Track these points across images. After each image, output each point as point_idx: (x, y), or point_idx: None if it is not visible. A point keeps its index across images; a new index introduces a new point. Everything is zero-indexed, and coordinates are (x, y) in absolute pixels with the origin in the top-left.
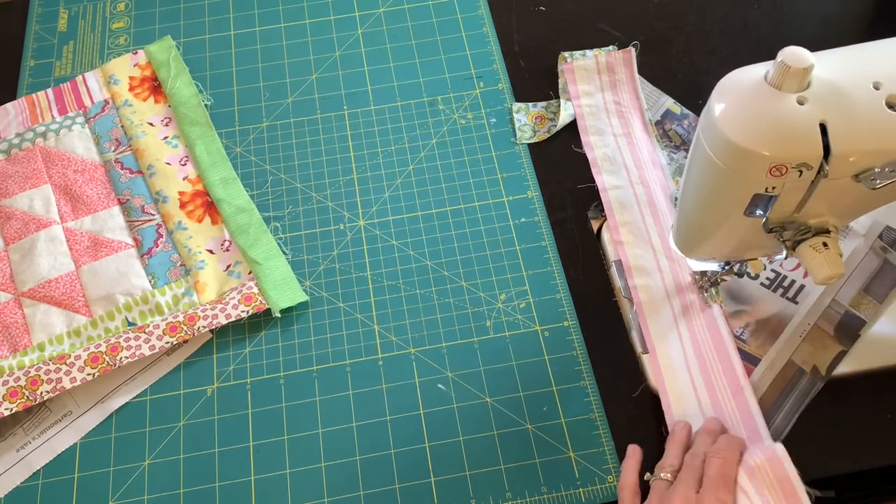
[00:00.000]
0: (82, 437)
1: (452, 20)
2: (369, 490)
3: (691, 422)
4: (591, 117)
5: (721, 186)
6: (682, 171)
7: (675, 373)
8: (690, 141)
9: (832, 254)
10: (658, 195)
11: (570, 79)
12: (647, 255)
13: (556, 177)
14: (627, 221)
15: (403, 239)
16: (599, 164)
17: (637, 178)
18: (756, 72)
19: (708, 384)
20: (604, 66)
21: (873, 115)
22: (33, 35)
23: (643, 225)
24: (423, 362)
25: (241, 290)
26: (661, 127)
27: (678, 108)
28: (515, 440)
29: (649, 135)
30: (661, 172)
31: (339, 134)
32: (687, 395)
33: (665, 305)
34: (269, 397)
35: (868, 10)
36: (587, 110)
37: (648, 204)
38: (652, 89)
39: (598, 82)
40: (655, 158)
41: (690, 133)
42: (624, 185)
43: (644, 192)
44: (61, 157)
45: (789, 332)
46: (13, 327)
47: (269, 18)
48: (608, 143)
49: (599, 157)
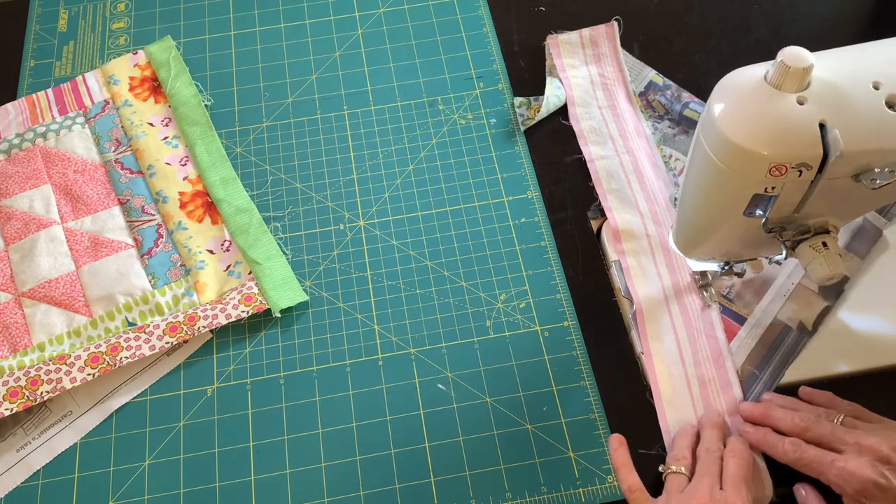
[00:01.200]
0: (82, 437)
1: (452, 20)
2: (369, 490)
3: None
4: (577, 89)
5: (721, 186)
6: (666, 140)
7: (663, 341)
8: (673, 110)
9: (832, 254)
10: (644, 163)
11: (555, 53)
12: (634, 219)
13: (556, 177)
14: (615, 189)
15: (403, 239)
16: (585, 135)
17: (623, 148)
18: (756, 72)
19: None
20: (587, 40)
21: (873, 115)
22: (33, 35)
23: (630, 191)
24: (423, 362)
25: (241, 290)
26: (645, 98)
27: (661, 79)
28: (515, 440)
29: (633, 106)
30: (646, 142)
31: (339, 134)
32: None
33: (650, 265)
34: (269, 397)
35: (868, 10)
36: (573, 81)
37: (634, 171)
38: (634, 62)
39: (583, 56)
40: (640, 128)
41: (673, 103)
42: (610, 155)
43: (630, 161)
44: (61, 158)
45: (774, 291)
46: (13, 327)
47: (270, 19)
48: (594, 115)
49: (585, 128)
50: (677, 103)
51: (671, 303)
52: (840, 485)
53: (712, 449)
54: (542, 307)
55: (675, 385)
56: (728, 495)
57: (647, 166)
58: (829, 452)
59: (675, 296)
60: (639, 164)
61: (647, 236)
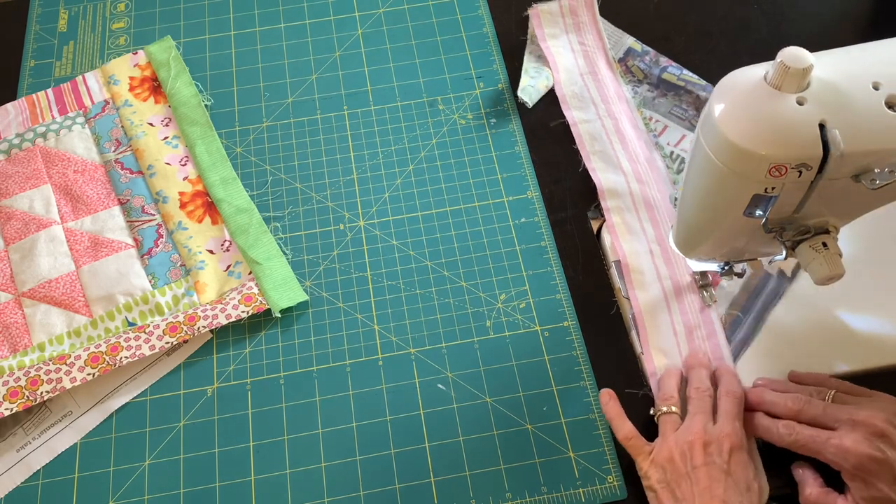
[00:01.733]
0: (82, 437)
1: (452, 20)
2: (369, 490)
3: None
4: (558, 57)
5: (721, 187)
6: (646, 103)
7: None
8: (652, 74)
9: (832, 254)
10: (625, 125)
11: (536, 23)
12: (618, 179)
13: (556, 177)
14: (598, 150)
15: (403, 239)
16: (568, 100)
17: (605, 112)
18: (756, 72)
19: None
20: (567, 9)
21: (873, 115)
22: (33, 35)
23: (612, 152)
24: (423, 362)
25: (241, 290)
26: (624, 64)
27: (639, 45)
28: (515, 440)
29: (613, 72)
30: (627, 105)
31: (339, 134)
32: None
33: (635, 220)
34: (269, 397)
35: (868, 10)
36: (554, 51)
37: (616, 133)
38: (614, 30)
39: (563, 25)
40: (621, 93)
41: (651, 68)
42: (593, 119)
43: (612, 124)
44: (61, 158)
45: None
46: (13, 327)
47: (270, 19)
48: (575, 81)
49: (568, 94)
50: (655, 67)
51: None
52: (838, 462)
53: (702, 388)
54: (542, 307)
55: (660, 328)
56: (723, 428)
57: (628, 128)
58: (824, 431)
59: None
60: (620, 126)
61: (630, 194)
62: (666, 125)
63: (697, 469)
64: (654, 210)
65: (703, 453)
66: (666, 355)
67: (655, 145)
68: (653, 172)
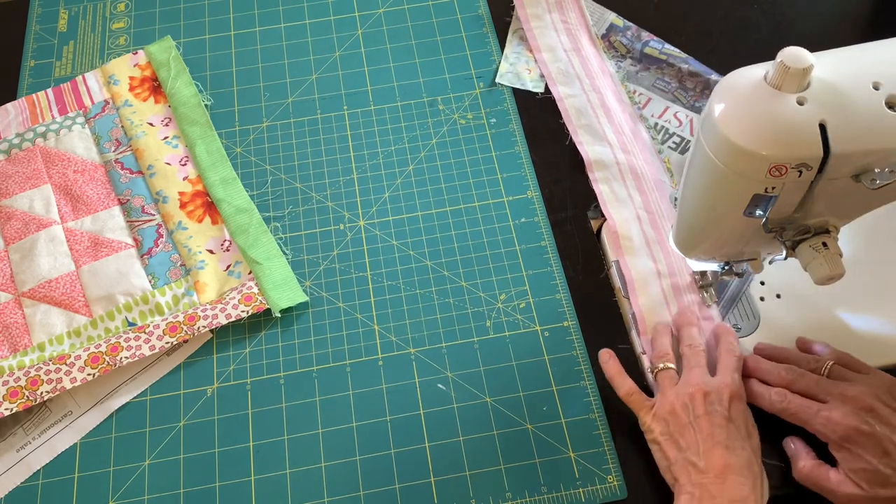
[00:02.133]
0: (82, 437)
1: (452, 20)
2: (369, 490)
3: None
4: (542, 37)
5: (721, 186)
6: (629, 77)
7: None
8: (634, 49)
9: (832, 254)
10: (610, 99)
11: (518, 4)
12: (604, 150)
13: (556, 177)
14: (584, 124)
15: (403, 239)
16: (554, 77)
17: (590, 87)
18: (756, 72)
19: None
20: None
21: (873, 115)
22: (33, 35)
23: (598, 125)
24: (423, 362)
25: (241, 290)
26: (607, 39)
27: (621, 20)
28: (515, 440)
29: (597, 48)
30: (611, 79)
31: (339, 134)
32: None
33: (622, 189)
34: (269, 397)
35: (868, 10)
36: (537, 31)
37: (601, 107)
38: (595, 6)
39: (545, 4)
40: (604, 67)
41: (633, 42)
42: (578, 94)
43: (597, 98)
44: (61, 158)
45: None
46: (13, 327)
47: (270, 19)
48: (560, 57)
49: (553, 71)
50: (638, 42)
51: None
52: (825, 433)
53: (694, 344)
54: (542, 307)
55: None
56: (723, 379)
57: (612, 101)
58: (815, 402)
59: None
60: (605, 100)
61: (616, 164)
62: (649, 97)
63: (699, 418)
64: (640, 179)
65: (704, 402)
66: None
67: (640, 117)
68: (638, 143)
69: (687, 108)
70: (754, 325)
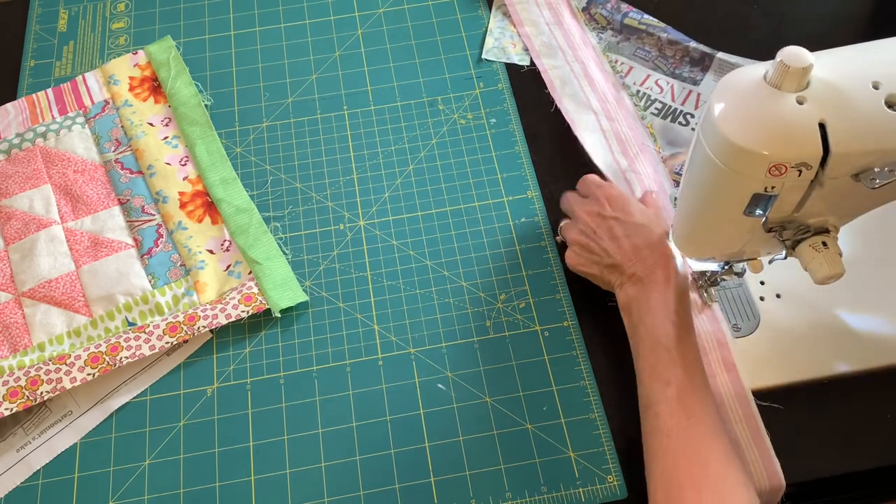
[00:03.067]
0: (82, 437)
1: (452, 20)
2: (369, 490)
3: None
4: (525, 12)
5: (720, 186)
6: (610, 48)
7: None
8: (614, 20)
9: (832, 253)
10: (592, 69)
11: None
12: (589, 118)
13: (556, 177)
14: (569, 94)
15: (403, 239)
16: (538, 49)
17: (572, 58)
18: (755, 72)
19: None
20: None
21: (873, 115)
22: (33, 35)
23: (583, 94)
24: (423, 362)
25: (241, 290)
26: (588, 12)
27: None
28: (515, 440)
29: (578, 20)
30: (593, 51)
31: (339, 134)
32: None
33: (608, 153)
34: (269, 397)
35: (868, 10)
36: (519, 7)
37: (585, 77)
38: None
39: None
40: (586, 39)
41: (613, 14)
42: (561, 65)
43: (580, 68)
44: (61, 158)
45: None
46: (13, 327)
47: (270, 19)
48: (543, 31)
49: (537, 44)
50: (617, 14)
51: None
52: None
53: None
54: (542, 307)
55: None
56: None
57: (595, 71)
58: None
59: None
60: (588, 70)
61: (601, 131)
62: (631, 66)
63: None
64: (625, 144)
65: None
66: None
67: (622, 85)
68: (621, 110)
69: (667, 76)
70: (754, 324)
